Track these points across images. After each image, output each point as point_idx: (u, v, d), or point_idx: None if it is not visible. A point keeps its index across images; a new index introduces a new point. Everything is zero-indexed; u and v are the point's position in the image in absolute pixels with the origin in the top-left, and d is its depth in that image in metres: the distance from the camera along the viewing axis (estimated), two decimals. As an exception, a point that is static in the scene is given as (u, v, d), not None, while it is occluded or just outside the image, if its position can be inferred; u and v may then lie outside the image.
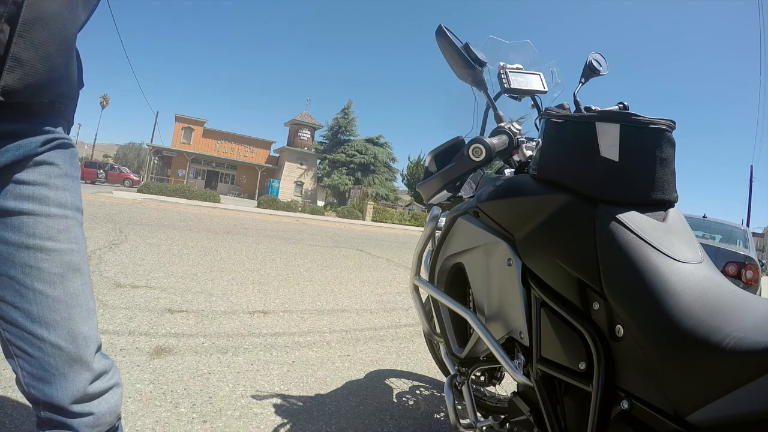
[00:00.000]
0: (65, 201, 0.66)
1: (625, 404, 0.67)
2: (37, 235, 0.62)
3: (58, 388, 0.64)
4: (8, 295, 0.62)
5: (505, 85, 1.14)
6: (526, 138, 1.09)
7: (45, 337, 0.63)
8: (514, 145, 1.03)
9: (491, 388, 1.59)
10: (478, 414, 1.14)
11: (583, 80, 1.27)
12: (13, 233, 0.61)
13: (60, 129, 0.67)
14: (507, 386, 1.65)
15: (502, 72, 1.16)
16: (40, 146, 0.63)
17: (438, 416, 1.69)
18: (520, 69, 1.20)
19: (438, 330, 1.25)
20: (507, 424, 1.07)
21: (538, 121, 1.11)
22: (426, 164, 1.12)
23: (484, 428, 1.08)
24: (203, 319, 2.43)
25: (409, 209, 28.09)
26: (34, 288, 0.62)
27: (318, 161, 31.20)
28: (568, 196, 0.79)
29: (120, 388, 0.73)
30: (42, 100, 0.62)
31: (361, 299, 3.51)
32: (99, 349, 0.70)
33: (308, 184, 30.62)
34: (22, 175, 0.62)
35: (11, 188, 0.61)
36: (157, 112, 37.71)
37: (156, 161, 31.85)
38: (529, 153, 1.06)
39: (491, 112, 1.16)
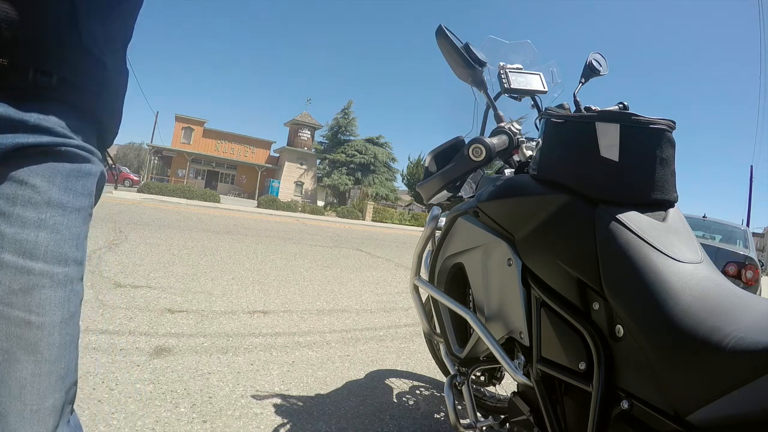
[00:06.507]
0: (32, 246, 0.43)
1: (625, 404, 0.67)
2: None
3: None
4: None
5: (505, 85, 1.14)
6: (526, 138, 1.09)
7: None
8: (514, 145, 1.03)
9: (491, 388, 1.59)
10: (478, 414, 1.14)
11: (583, 80, 1.27)
12: None
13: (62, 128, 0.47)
14: (507, 386, 1.65)
15: (502, 72, 1.16)
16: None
17: (438, 416, 1.69)
18: (520, 69, 1.20)
19: (438, 330, 1.25)
20: (507, 424, 1.07)
21: (538, 121, 1.11)
22: (426, 164, 1.12)
23: (484, 428, 1.08)
24: (203, 319, 2.43)
25: (409, 209, 28.10)
26: None
27: (318, 161, 31.18)
28: (568, 196, 0.79)
29: None
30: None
31: (361, 299, 3.51)
32: None
33: (308, 184, 30.61)
34: None
35: None
36: (157, 112, 37.58)
37: (156, 161, 31.82)
38: (529, 153, 1.06)
39: (491, 112, 1.16)
